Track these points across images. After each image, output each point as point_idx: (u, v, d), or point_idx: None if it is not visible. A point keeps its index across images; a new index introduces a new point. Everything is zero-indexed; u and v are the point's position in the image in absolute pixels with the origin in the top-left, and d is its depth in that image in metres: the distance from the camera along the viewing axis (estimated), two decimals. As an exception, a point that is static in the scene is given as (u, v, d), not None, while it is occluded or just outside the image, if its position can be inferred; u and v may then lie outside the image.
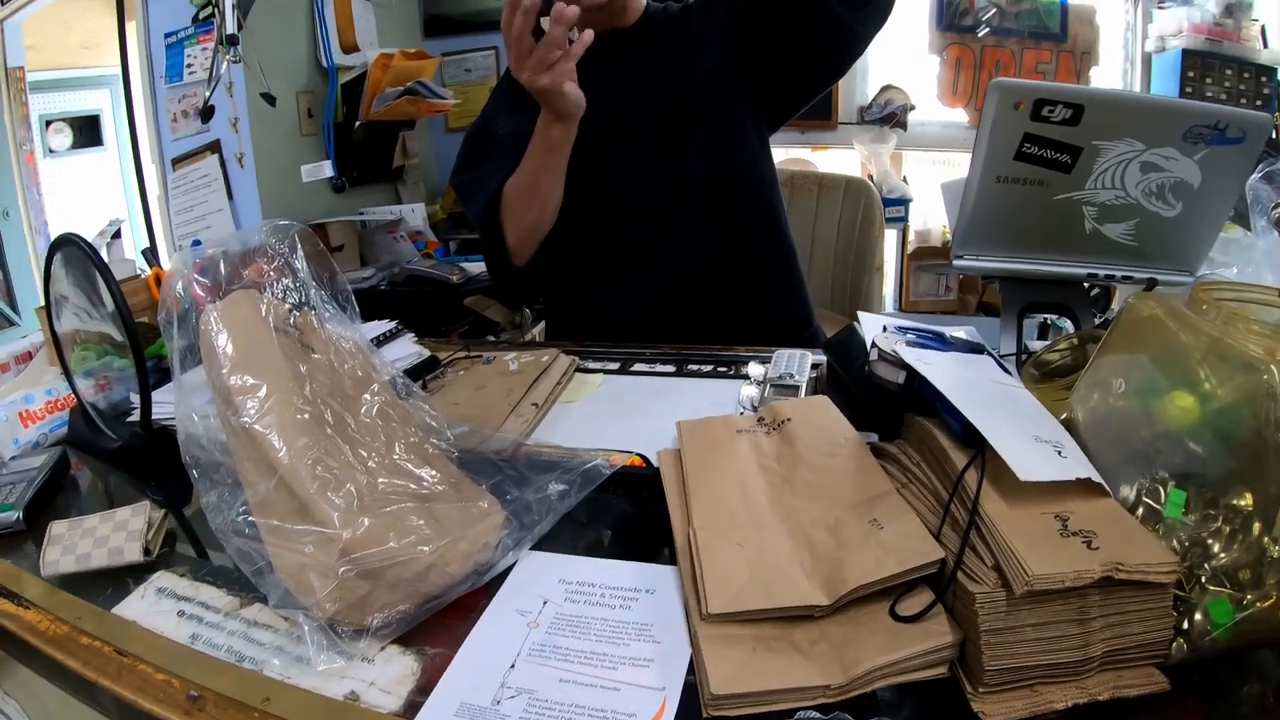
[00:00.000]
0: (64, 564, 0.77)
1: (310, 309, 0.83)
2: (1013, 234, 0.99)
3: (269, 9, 2.34)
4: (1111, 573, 0.53)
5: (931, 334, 0.91)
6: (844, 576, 0.61)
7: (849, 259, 2.16)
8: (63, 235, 1.02)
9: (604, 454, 0.87)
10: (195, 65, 2.38)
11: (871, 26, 1.24)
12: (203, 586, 0.73)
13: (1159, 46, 2.71)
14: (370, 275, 2.53)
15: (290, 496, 0.62)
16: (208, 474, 0.72)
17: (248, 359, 0.70)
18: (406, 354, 1.17)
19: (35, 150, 3.15)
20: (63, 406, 1.14)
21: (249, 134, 2.36)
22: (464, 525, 0.66)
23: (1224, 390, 0.61)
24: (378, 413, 0.77)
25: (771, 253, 1.43)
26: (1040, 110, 0.88)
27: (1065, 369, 0.91)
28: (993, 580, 0.55)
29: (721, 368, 1.17)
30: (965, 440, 0.69)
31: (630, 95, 1.34)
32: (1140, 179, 0.93)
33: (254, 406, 0.66)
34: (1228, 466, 0.59)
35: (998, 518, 0.59)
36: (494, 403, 1.01)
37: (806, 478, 0.75)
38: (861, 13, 1.20)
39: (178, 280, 0.80)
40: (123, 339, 0.99)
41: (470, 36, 3.15)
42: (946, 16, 2.83)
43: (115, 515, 0.81)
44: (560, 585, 0.68)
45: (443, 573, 0.62)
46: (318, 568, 0.59)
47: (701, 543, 0.66)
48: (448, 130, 3.26)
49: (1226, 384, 0.61)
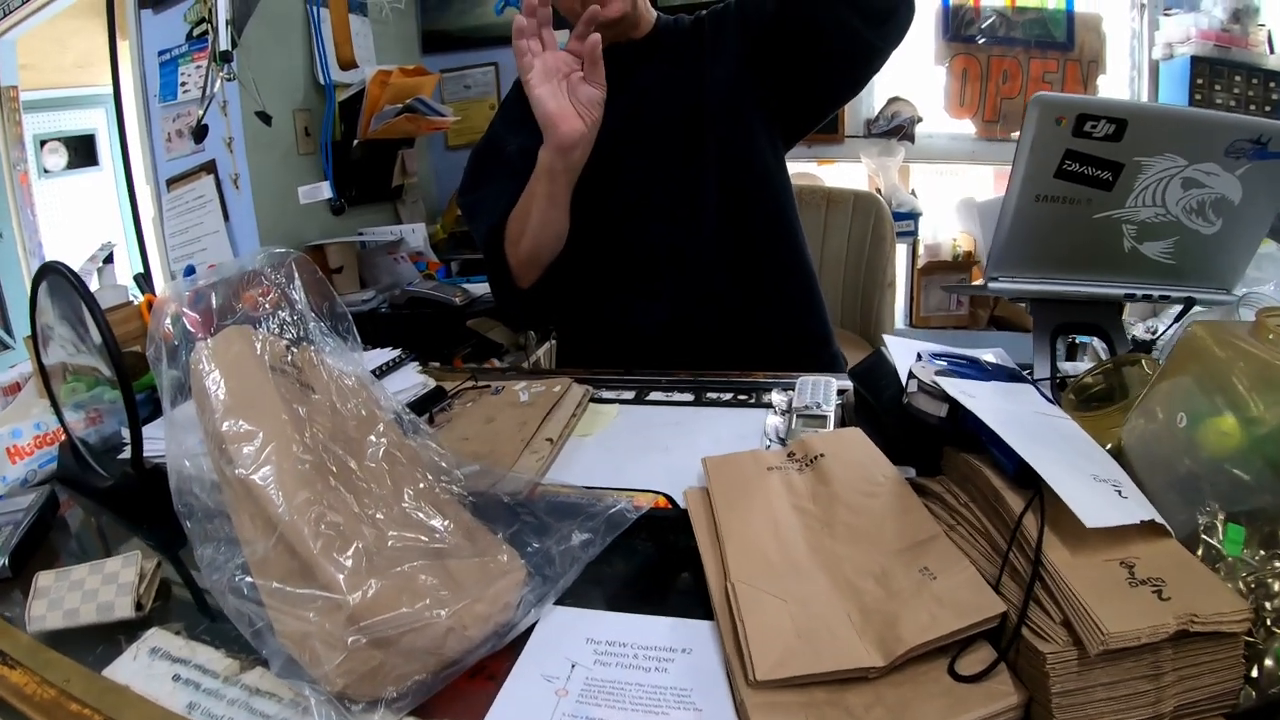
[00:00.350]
0: (51, 620, 0.72)
1: (309, 344, 0.78)
2: (1049, 254, 0.95)
3: (264, 25, 2.32)
4: (1186, 625, 0.50)
5: (966, 360, 0.87)
6: (899, 634, 0.56)
7: (859, 275, 2.12)
8: (48, 263, 0.97)
9: (626, 494, 0.82)
10: (190, 84, 2.35)
11: (889, 42, 1.20)
12: (200, 647, 0.67)
13: (1166, 54, 2.69)
14: (370, 297, 2.50)
15: (291, 556, 0.57)
16: (202, 525, 0.67)
17: (242, 402, 0.65)
18: (410, 385, 1.12)
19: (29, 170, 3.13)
20: (52, 441, 1.09)
21: (244, 154, 2.32)
22: (482, 583, 0.60)
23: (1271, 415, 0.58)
24: (384, 456, 0.71)
25: (788, 270, 1.39)
26: (1083, 125, 0.84)
27: (1102, 395, 0.88)
28: (1063, 638, 0.52)
29: (742, 395, 1.12)
30: (1018, 480, 0.65)
31: (642, 110, 1.31)
32: (1181, 195, 0.89)
33: (250, 455, 0.61)
34: (1279, 495, 0.57)
35: (1063, 567, 0.55)
36: (506, 438, 0.95)
37: (846, 520, 0.70)
38: (880, 29, 1.16)
39: (167, 313, 0.75)
40: (111, 374, 0.94)
41: (469, 53, 3.14)
42: (952, 26, 2.81)
43: (105, 566, 0.75)
44: (588, 646, 0.62)
45: (461, 637, 0.57)
46: (325, 637, 0.54)
47: (742, 598, 0.61)
48: (447, 148, 3.24)
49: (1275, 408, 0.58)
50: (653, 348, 1.32)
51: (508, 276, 1.29)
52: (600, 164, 1.22)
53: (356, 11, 2.65)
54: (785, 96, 1.31)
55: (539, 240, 1.24)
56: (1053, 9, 2.79)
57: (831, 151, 3.00)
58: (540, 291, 1.30)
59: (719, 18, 1.35)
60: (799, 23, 1.18)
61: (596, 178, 1.24)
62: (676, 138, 1.31)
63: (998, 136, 2.88)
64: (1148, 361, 0.84)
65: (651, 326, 1.35)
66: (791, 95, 1.31)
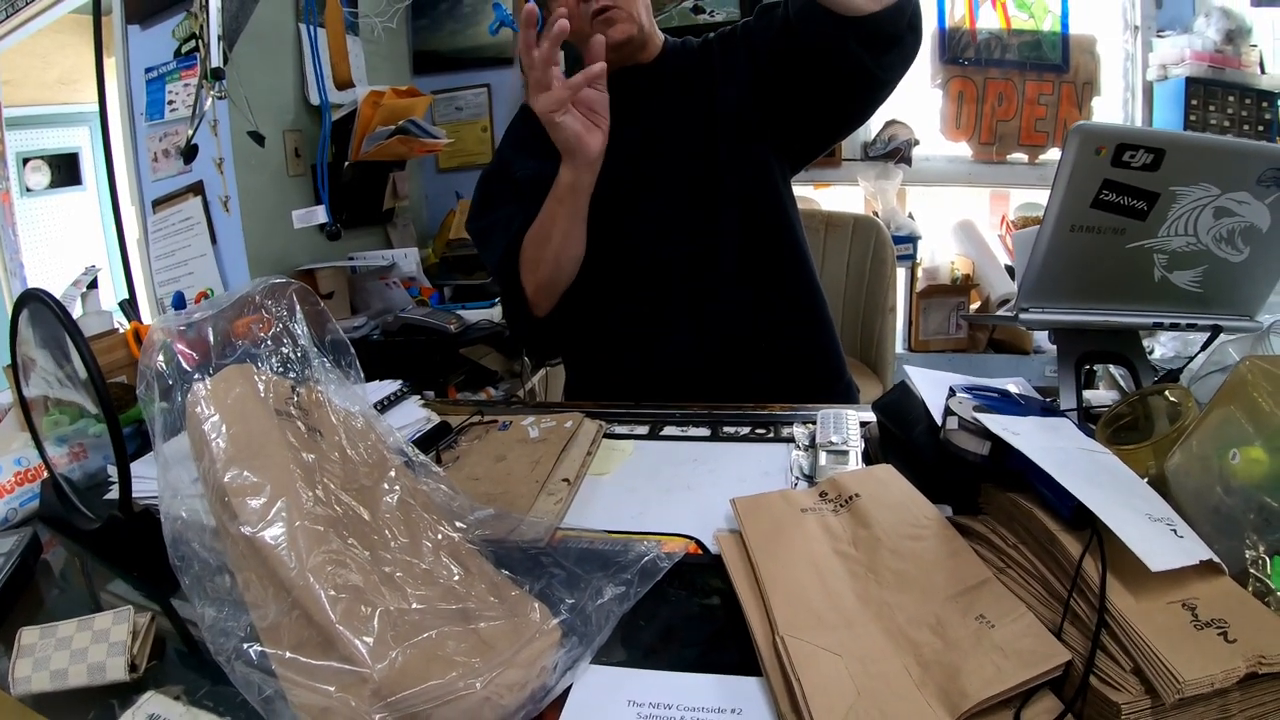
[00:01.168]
0: (36, 681, 0.66)
1: (314, 383, 0.73)
2: (1079, 284, 0.95)
3: (254, 43, 2.28)
4: (1255, 668, 0.50)
5: (998, 394, 0.84)
6: (962, 688, 0.53)
7: (860, 300, 2.10)
8: (29, 291, 0.92)
9: (653, 538, 0.78)
10: (177, 102, 2.31)
11: (894, 73, 1.19)
12: (202, 715, 0.61)
13: (1160, 75, 2.73)
14: (362, 324, 2.44)
15: (307, 623, 0.52)
16: (201, 582, 0.62)
17: (245, 452, 0.60)
18: (414, 419, 1.08)
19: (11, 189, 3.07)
20: (34, 477, 1.03)
21: (234, 175, 2.27)
22: (515, 647, 0.55)
23: None
24: (398, 504, 0.67)
25: (802, 299, 1.37)
26: (1122, 155, 0.84)
27: (1129, 424, 0.86)
28: (1136, 687, 0.51)
29: (760, 429, 1.09)
30: (1073, 522, 0.63)
31: (655, 140, 1.29)
32: (1213, 225, 0.90)
33: (257, 511, 0.56)
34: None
35: (1129, 613, 0.54)
36: (519, 478, 0.91)
37: (892, 566, 0.67)
38: (885, 59, 1.15)
39: (159, 350, 0.70)
40: (97, 410, 0.89)
41: (461, 74, 3.11)
42: (948, 49, 2.82)
43: (94, 622, 0.69)
44: (631, 709, 0.58)
45: (496, 706, 0.52)
46: (349, 713, 0.49)
47: (794, 653, 0.57)
48: (439, 171, 3.21)
49: None
50: (666, 379, 1.29)
51: (524, 305, 1.28)
52: (615, 194, 1.21)
53: (349, 31, 2.62)
54: (792, 124, 1.29)
55: (559, 263, 1.23)
56: (1047, 31, 2.82)
57: (829, 175, 3.00)
58: (555, 320, 1.29)
59: (727, 42, 1.34)
60: (805, 52, 1.17)
61: (610, 204, 1.22)
62: (690, 167, 1.30)
63: (994, 159, 2.90)
64: (1173, 391, 0.83)
65: (665, 357, 1.32)
66: (798, 123, 1.29)
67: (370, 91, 2.47)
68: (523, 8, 1.04)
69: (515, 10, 2.72)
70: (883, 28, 1.11)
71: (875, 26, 1.10)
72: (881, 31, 1.11)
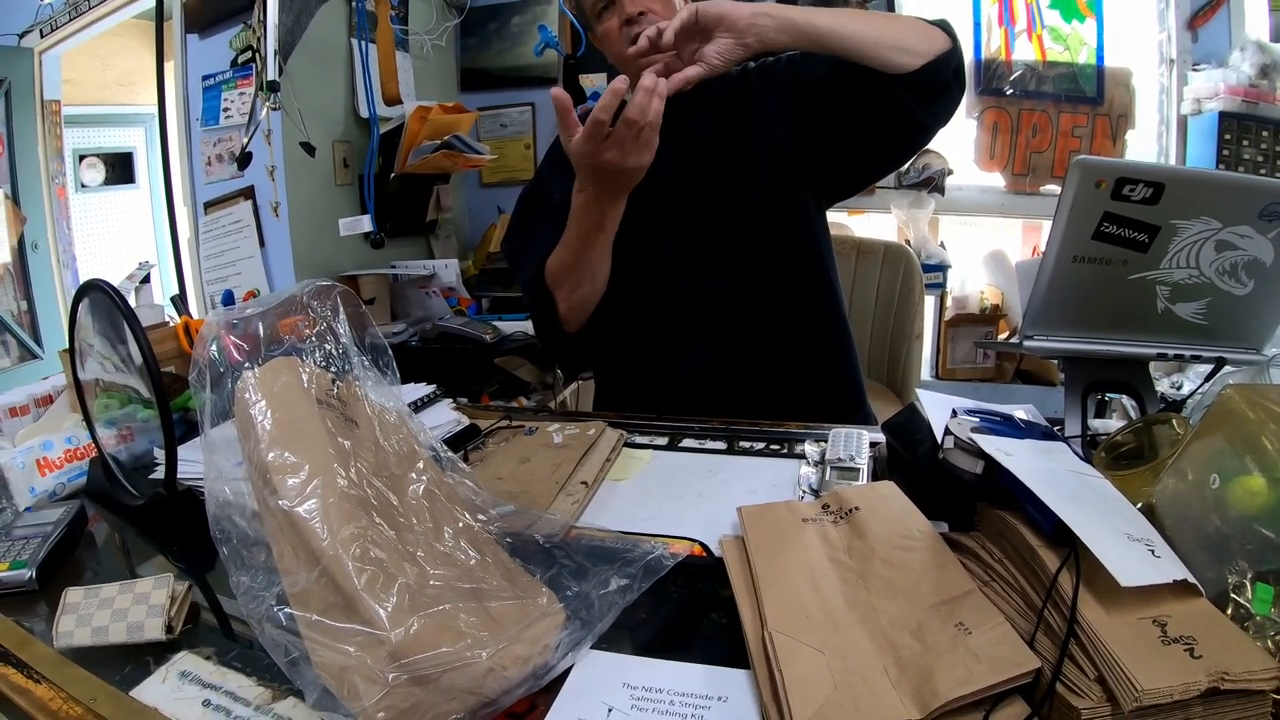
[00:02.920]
0: (78, 636, 0.72)
1: (354, 378, 0.79)
2: (1083, 314, 0.96)
3: (307, 57, 2.36)
4: (1217, 683, 0.52)
5: (1000, 417, 0.87)
6: (934, 688, 0.56)
7: (888, 326, 2.12)
8: (90, 281, 0.98)
9: (661, 540, 0.82)
10: (232, 109, 2.39)
11: (938, 119, 1.21)
12: (230, 673, 0.67)
13: (1195, 109, 2.71)
14: (401, 330, 2.51)
15: (334, 590, 0.57)
16: (238, 552, 0.67)
17: (288, 434, 0.65)
18: (445, 421, 1.13)
19: (67, 184, 3.18)
20: (83, 455, 1.10)
21: (285, 182, 2.35)
22: (522, 625, 0.60)
23: None
24: (424, 493, 0.72)
25: (827, 330, 1.39)
26: (1121, 189, 0.85)
27: (1132, 452, 0.88)
28: (1097, 694, 0.53)
29: (774, 445, 1.12)
30: (1054, 539, 0.66)
31: (688, 163, 1.30)
32: (1215, 258, 0.90)
33: (295, 487, 0.61)
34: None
35: (1097, 625, 0.56)
36: (541, 479, 0.95)
37: (882, 574, 0.70)
38: (931, 106, 1.17)
39: (212, 340, 0.76)
40: (149, 394, 0.95)
41: (507, 92, 3.17)
42: (983, 80, 2.83)
43: (135, 586, 0.75)
44: (625, 690, 0.62)
45: (500, 677, 0.57)
46: (365, 672, 0.54)
47: (779, 648, 0.61)
48: (481, 185, 3.27)
49: None
50: (686, 400, 1.31)
51: (556, 321, 1.29)
52: (646, 215, 1.22)
53: (398, 47, 2.70)
54: (831, 162, 1.30)
55: (591, 285, 1.24)
56: (1083, 64, 2.81)
57: (862, 202, 3.01)
58: (588, 335, 1.30)
59: (767, 74, 1.35)
60: (851, 94, 1.18)
61: (642, 229, 1.24)
62: (722, 193, 1.31)
63: (1027, 190, 2.89)
64: (1178, 421, 0.84)
65: (686, 379, 1.34)
66: (837, 162, 1.30)
67: (418, 106, 2.54)
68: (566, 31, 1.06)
69: (560, 33, 2.79)
70: (931, 79, 1.13)
71: (923, 78, 1.12)
72: (930, 83, 1.13)
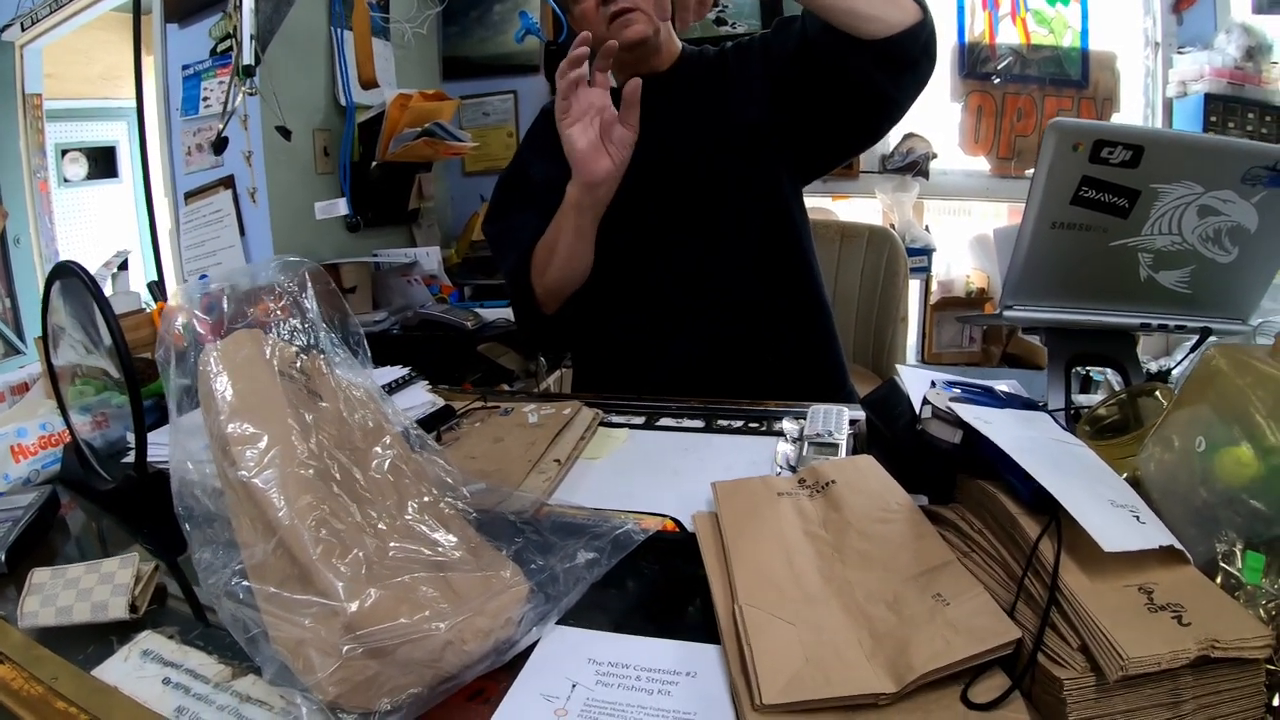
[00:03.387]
0: (43, 616, 0.71)
1: (319, 352, 0.77)
2: (1064, 283, 0.94)
3: (287, 44, 2.34)
4: (1207, 651, 0.49)
5: (980, 389, 0.86)
6: (910, 660, 0.55)
7: (873, 310, 2.11)
8: (62, 264, 0.97)
9: (633, 516, 0.80)
10: (212, 99, 2.37)
11: (908, 94, 1.21)
12: (192, 651, 0.66)
13: (1180, 91, 2.71)
14: (382, 319, 2.49)
15: (290, 561, 0.55)
16: (201, 529, 0.66)
17: (248, 405, 0.64)
18: (420, 403, 1.11)
19: (49, 179, 3.14)
20: (57, 442, 1.09)
21: (263, 169, 2.33)
22: (484, 598, 0.59)
23: None
24: (389, 468, 0.70)
25: (807, 308, 1.39)
26: (1099, 152, 0.84)
27: (1117, 425, 0.86)
28: (1080, 664, 0.51)
29: (753, 424, 1.11)
30: (1034, 506, 0.64)
31: (666, 145, 1.30)
32: (1198, 224, 0.88)
33: (253, 458, 0.60)
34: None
35: (1080, 593, 0.54)
36: (514, 457, 0.94)
37: (858, 546, 0.69)
38: (900, 80, 1.17)
39: (178, 316, 0.75)
40: (119, 375, 0.93)
41: (489, 80, 3.17)
42: (968, 63, 2.82)
43: (101, 566, 0.74)
44: (590, 666, 0.61)
45: (460, 651, 0.55)
46: (319, 644, 0.52)
47: (749, 621, 0.59)
48: (464, 174, 3.26)
49: None
50: (667, 381, 1.31)
51: (533, 305, 1.31)
52: (624, 198, 1.22)
53: (379, 35, 2.68)
54: (805, 139, 1.31)
55: (566, 272, 1.26)
56: (1067, 47, 2.81)
57: (846, 186, 3.01)
58: (564, 318, 1.32)
59: (743, 52, 1.35)
60: (822, 69, 1.19)
61: (623, 211, 1.24)
62: (698, 174, 1.31)
63: (1012, 174, 2.89)
64: (1163, 391, 0.82)
65: (667, 370, 1.34)
66: (811, 138, 1.31)
67: (398, 94, 2.52)
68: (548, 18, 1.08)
69: (542, 19, 2.77)
70: (899, 51, 1.12)
71: (891, 49, 1.11)
72: (898, 54, 1.12)
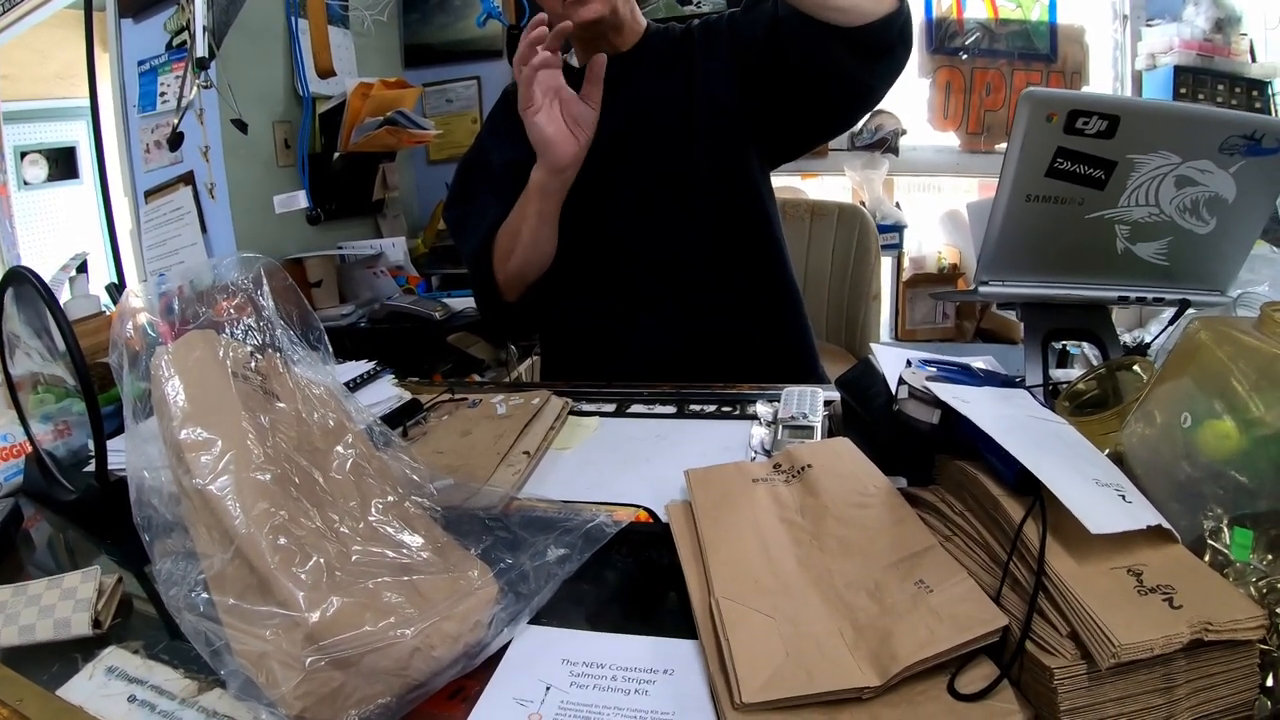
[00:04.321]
0: (5, 635, 0.68)
1: (275, 351, 0.74)
2: (1040, 257, 0.93)
3: (244, 36, 2.29)
4: (1201, 634, 0.48)
5: (957, 366, 0.85)
6: (894, 651, 0.53)
7: (844, 288, 2.11)
8: (13, 269, 0.94)
9: (606, 508, 0.78)
10: (169, 93, 2.32)
11: (884, 81, 1.18)
12: (157, 666, 0.64)
13: (1149, 64, 2.72)
14: (350, 312, 2.47)
15: (249, 571, 0.53)
16: (161, 539, 0.63)
17: (201, 410, 0.61)
18: (385, 398, 1.09)
19: (9, 182, 3.07)
20: (19, 453, 1.05)
21: (221, 163, 2.29)
22: (451, 600, 0.57)
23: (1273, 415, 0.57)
24: (351, 468, 0.68)
25: (775, 288, 1.37)
26: (1074, 122, 0.82)
27: (1096, 400, 0.85)
28: (1070, 651, 0.49)
29: (726, 408, 1.09)
30: (1017, 487, 0.63)
31: (631, 123, 1.28)
32: (1175, 194, 0.87)
33: (208, 464, 0.58)
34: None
35: (1067, 577, 0.53)
36: (482, 451, 0.92)
37: (836, 533, 0.67)
38: (874, 67, 1.14)
39: (128, 319, 0.72)
40: (76, 383, 0.90)
41: (452, 66, 3.11)
42: (935, 39, 2.82)
43: (63, 581, 0.71)
44: (564, 666, 0.59)
45: (428, 658, 0.54)
46: (282, 657, 0.50)
47: (727, 615, 0.58)
48: (429, 162, 3.21)
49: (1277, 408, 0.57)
50: (636, 363, 1.29)
51: (494, 291, 1.29)
52: (590, 178, 1.21)
53: (338, 23, 2.63)
54: (775, 122, 1.28)
55: (529, 257, 1.24)
56: (1035, 21, 2.81)
57: (815, 165, 2.99)
58: (527, 304, 1.30)
59: (710, 30, 1.32)
60: (793, 55, 1.16)
61: (586, 192, 1.23)
62: (665, 152, 1.29)
63: (982, 149, 2.90)
64: (1143, 364, 0.81)
65: (633, 347, 1.32)
66: (781, 122, 1.28)
67: (359, 83, 2.48)
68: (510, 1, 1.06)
69: (504, 3, 2.72)
70: (874, 39, 1.10)
71: (867, 38, 1.09)
72: (873, 43, 1.10)
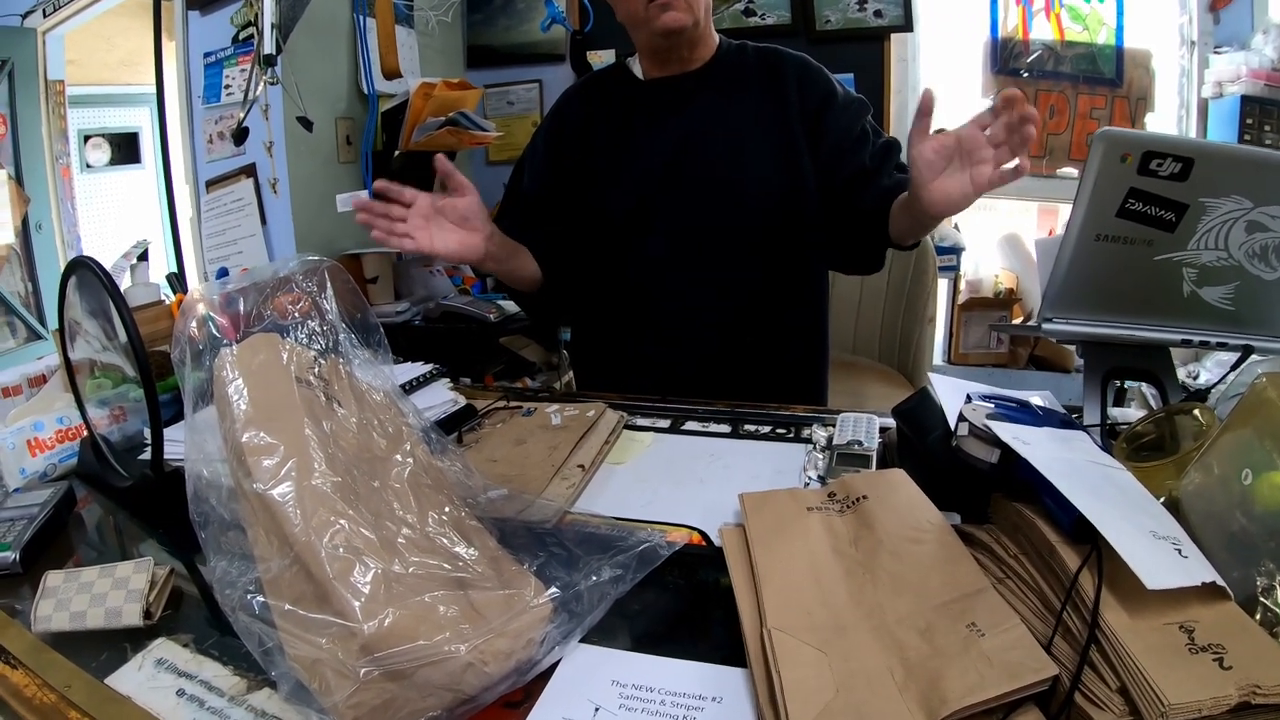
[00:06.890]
0: (56, 621, 0.70)
1: (338, 356, 0.75)
2: (1106, 296, 0.92)
3: (310, 33, 2.32)
4: (1249, 697, 0.48)
5: (1016, 403, 0.83)
6: (943, 694, 0.52)
7: (899, 309, 2.08)
8: (77, 258, 0.96)
9: (659, 528, 0.79)
10: (234, 86, 2.36)
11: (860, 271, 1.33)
12: (207, 662, 0.65)
13: (1216, 92, 2.63)
14: (404, 309, 2.49)
15: (307, 578, 0.54)
16: (216, 536, 0.64)
17: (265, 414, 0.62)
18: (441, 401, 1.10)
19: (72, 165, 3.16)
20: (74, 436, 1.08)
21: (284, 159, 2.33)
22: (505, 617, 0.57)
23: None
24: (409, 477, 0.69)
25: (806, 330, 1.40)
26: (1148, 163, 0.81)
27: (1153, 444, 0.84)
28: (1119, 706, 0.49)
29: (780, 429, 1.09)
30: (1073, 534, 0.62)
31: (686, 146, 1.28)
32: (1245, 239, 0.86)
33: (269, 470, 0.58)
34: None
35: (1120, 630, 0.53)
36: (536, 461, 0.93)
37: (890, 567, 0.66)
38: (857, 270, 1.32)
39: (194, 315, 0.73)
40: (135, 372, 0.92)
41: (514, 69, 3.13)
42: (1000, 59, 2.77)
43: (116, 570, 0.73)
44: (614, 688, 0.59)
45: (480, 673, 0.54)
46: (336, 666, 0.51)
47: (779, 647, 0.57)
48: (488, 163, 3.23)
49: None
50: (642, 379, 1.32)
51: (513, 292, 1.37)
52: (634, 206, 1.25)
53: (403, 23, 2.66)
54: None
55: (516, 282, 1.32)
56: (1102, 44, 2.74)
57: (875, 185, 2.94)
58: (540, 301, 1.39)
59: (778, 73, 1.30)
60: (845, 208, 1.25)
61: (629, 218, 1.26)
62: (717, 179, 1.28)
63: (1044, 172, 2.83)
64: (1201, 410, 0.80)
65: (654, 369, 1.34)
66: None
67: (422, 83, 2.50)
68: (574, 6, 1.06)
69: (568, 8, 2.74)
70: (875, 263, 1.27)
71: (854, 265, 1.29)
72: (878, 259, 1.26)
